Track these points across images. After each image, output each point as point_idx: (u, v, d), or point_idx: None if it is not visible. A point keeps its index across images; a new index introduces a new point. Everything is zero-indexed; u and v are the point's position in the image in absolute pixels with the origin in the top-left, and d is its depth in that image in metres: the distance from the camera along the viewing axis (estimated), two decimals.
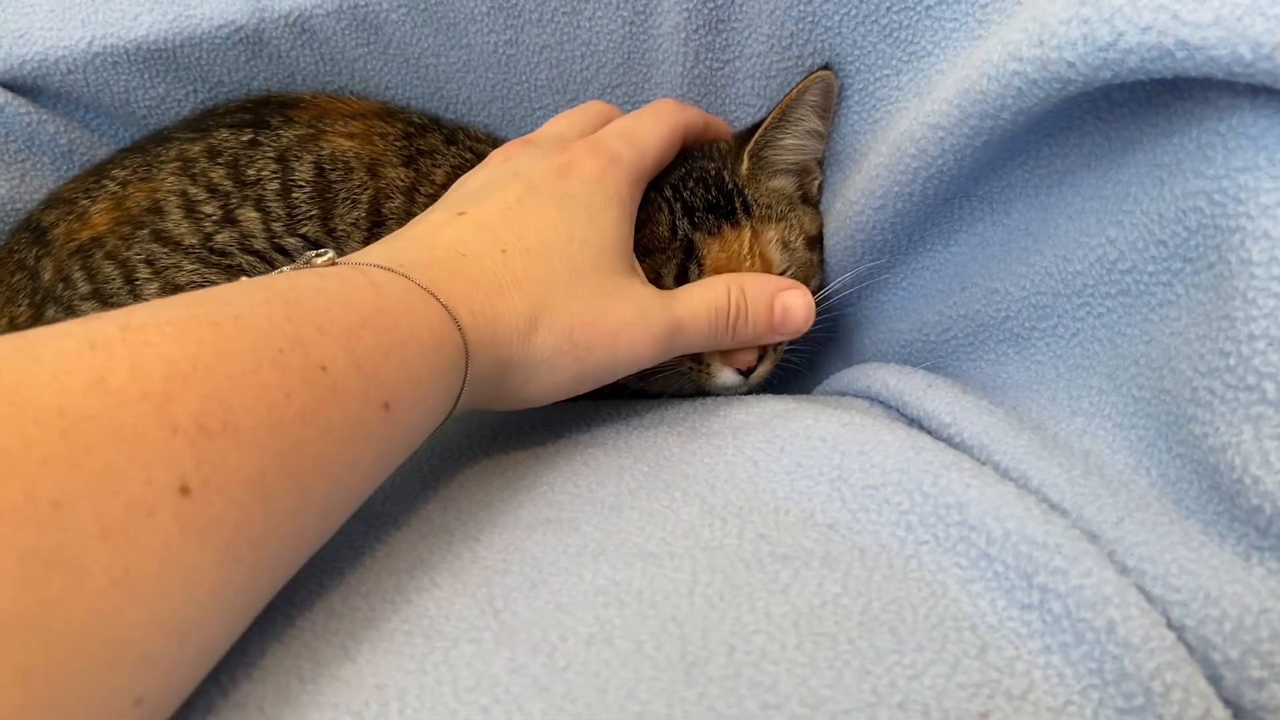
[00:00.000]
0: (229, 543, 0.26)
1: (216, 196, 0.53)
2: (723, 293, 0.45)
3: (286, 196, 0.54)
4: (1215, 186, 0.29)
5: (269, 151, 0.54)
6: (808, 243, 0.53)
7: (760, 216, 0.51)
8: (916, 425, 0.41)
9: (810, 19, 0.50)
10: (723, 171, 0.52)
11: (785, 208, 0.53)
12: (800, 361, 0.56)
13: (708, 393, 0.52)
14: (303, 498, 0.29)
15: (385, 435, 0.32)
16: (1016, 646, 0.29)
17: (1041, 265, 0.38)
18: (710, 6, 0.52)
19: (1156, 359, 0.33)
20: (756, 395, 0.49)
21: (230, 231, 0.53)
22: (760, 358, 0.50)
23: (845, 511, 0.35)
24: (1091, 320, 0.36)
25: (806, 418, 0.40)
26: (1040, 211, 0.39)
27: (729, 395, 0.50)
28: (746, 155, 0.52)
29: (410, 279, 0.35)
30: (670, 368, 0.51)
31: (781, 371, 0.54)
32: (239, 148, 0.54)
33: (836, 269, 0.53)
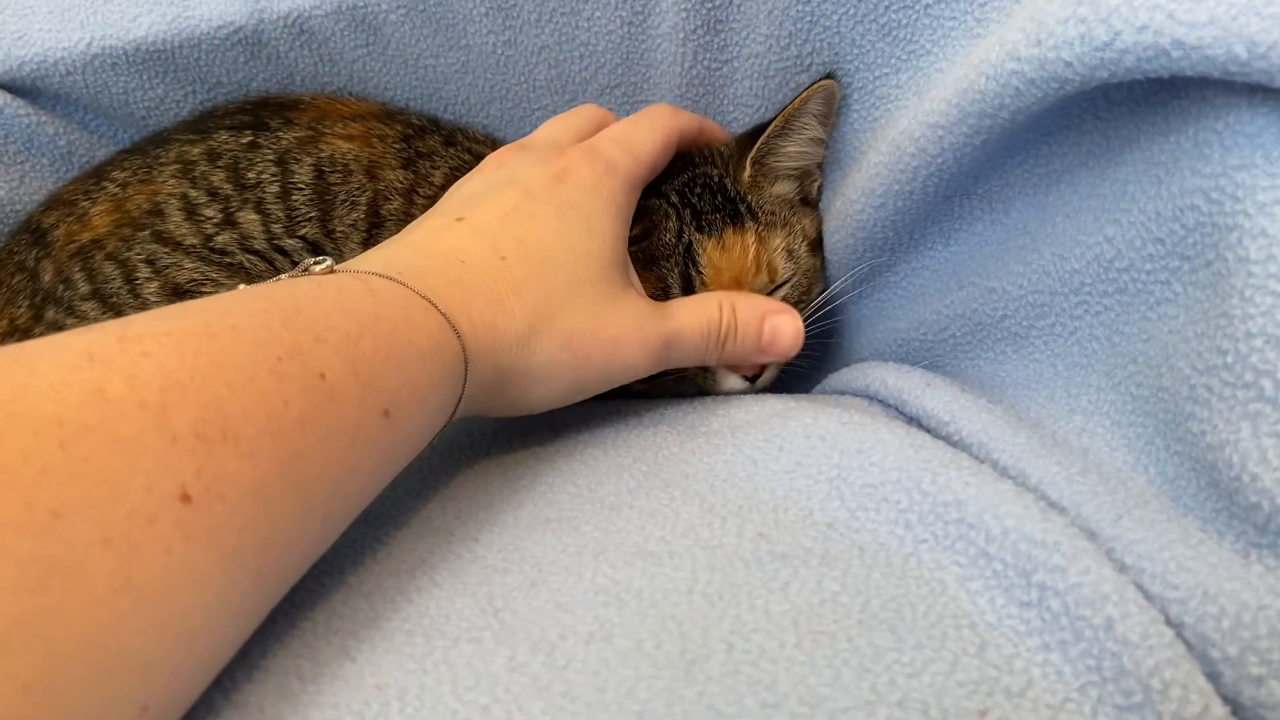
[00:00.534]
0: (232, 549, 0.26)
1: (217, 199, 0.53)
2: (715, 309, 0.46)
3: (286, 199, 0.54)
4: (1212, 184, 0.29)
5: (268, 154, 0.54)
6: (810, 248, 0.53)
7: (765, 223, 0.52)
8: (915, 423, 0.41)
9: (809, 19, 0.50)
10: (725, 178, 0.52)
11: (788, 213, 0.53)
12: (803, 362, 0.56)
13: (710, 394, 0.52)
14: (304, 504, 0.29)
15: (385, 442, 0.32)
16: (1015, 644, 0.29)
17: (1039, 264, 0.38)
18: (708, 7, 0.52)
19: (1155, 357, 0.33)
20: (755, 394, 0.50)
21: (230, 233, 0.53)
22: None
23: (844, 510, 0.35)
24: (1089, 319, 0.36)
25: (805, 416, 0.40)
26: (1038, 210, 0.39)
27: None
28: (749, 162, 0.52)
29: (408, 286, 0.35)
30: (675, 372, 0.51)
31: (784, 373, 0.54)
32: (239, 150, 0.54)
33: (838, 267, 0.53)
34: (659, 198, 0.51)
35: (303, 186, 0.54)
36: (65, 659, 0.22)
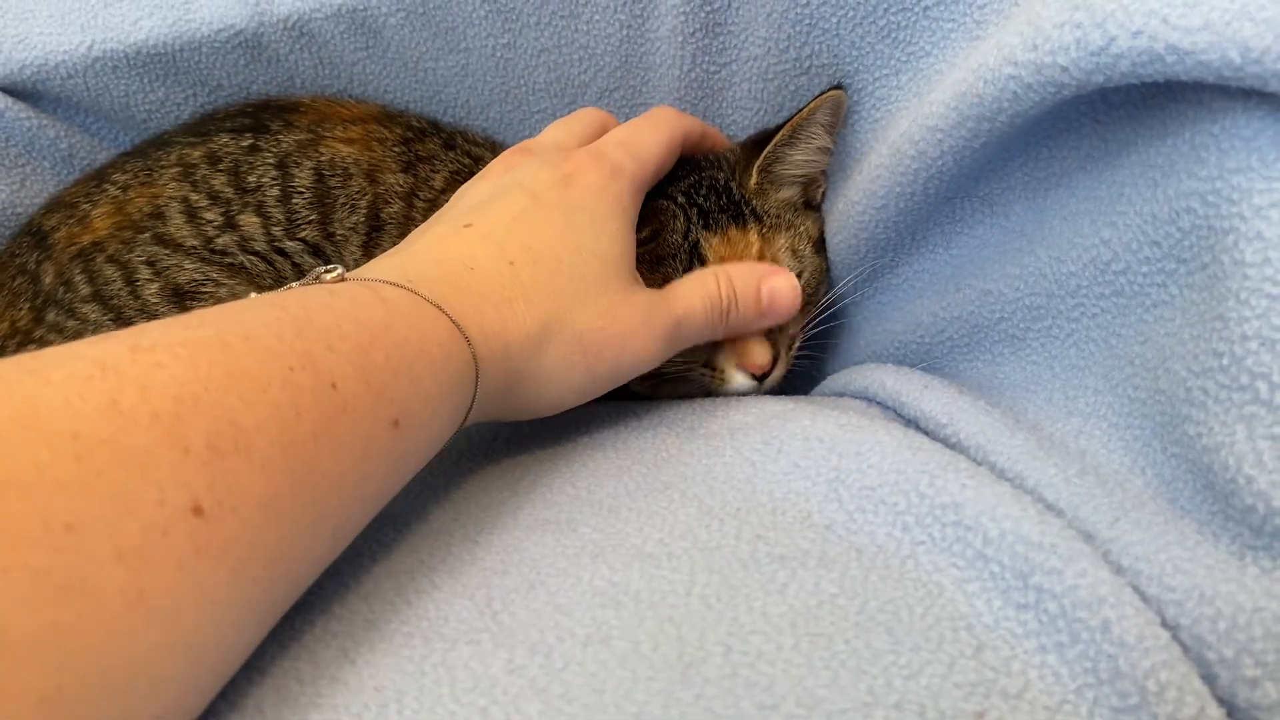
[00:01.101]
0: (243, 562, 0.26)
1: (218, 202, 0.53)
2: (712, 283, 0.46)
3: (286, 202, 0.54)
4: (1209, 188, 0.30)
5: (269, 157, 0.55)
6: (815, 248, 0.53)
7: (770, 225, 0.52)
8: (913, 426, 0.41)
9: (808, 21, 0.50)
10: (730, 182, 0.53)
11: (792, 215, 0.54)
12: (807, 364, 0.56)
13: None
14: (314, 515, 0.29)
15: (395, 452, 0.32)
16: (1012, 646, 0.29)
17: (1036, 266, 0.39)
18: (707, 10, 0.52)
19: (1151, 359, 0.33)
20: (754, 396, 0.50)
21: (231, 235, 0.53)
22: (774, 360, 0.51)
23: (842, 512, 0.35)
24: (1086, 321, 0.37)
25: (804, 418, 0.40)
26: (1036, 213, 0.39)
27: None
28: (756, 170, 0.52)
29: (419, 294, 0.35)
30: (682, 374, 0.51)
31: (788, 375, 0.54)
32: (239, 153, 0.55)
33: (841, 269, 0.53)
34: (665, 199, 0.51)
35: (303, 190, 0.54)
36: (79, 673, 0.22)
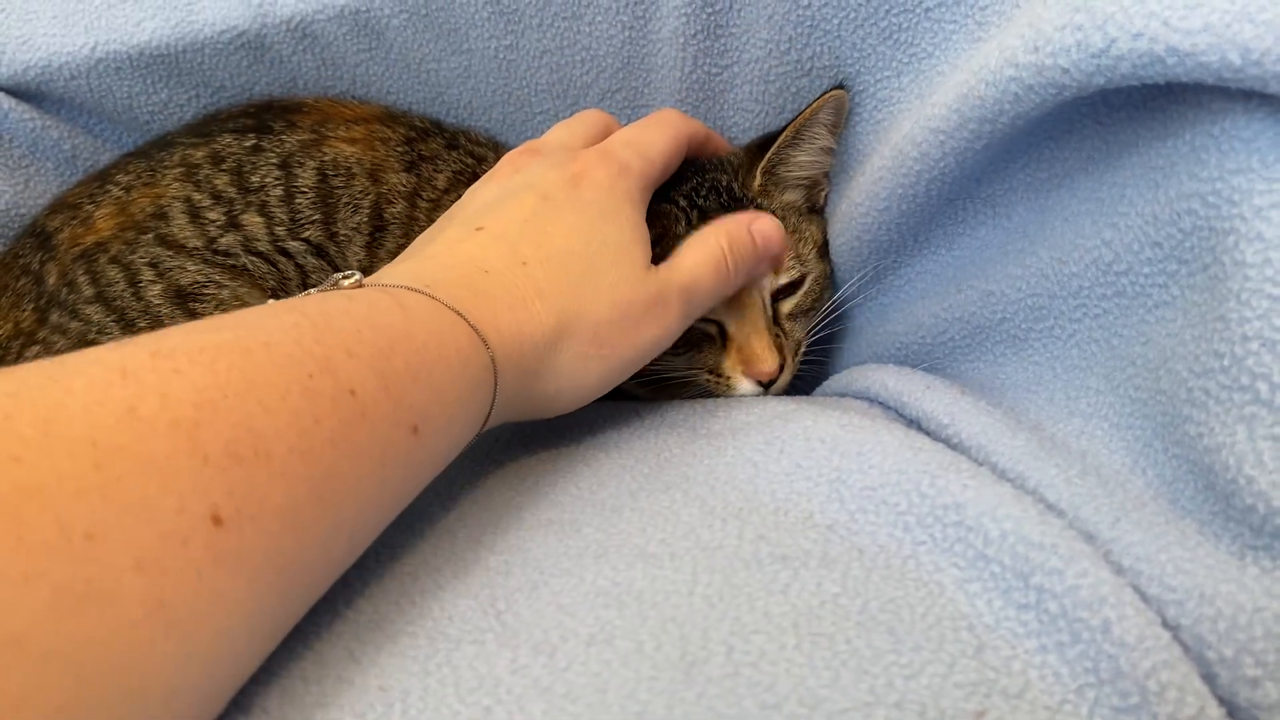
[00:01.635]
0: (260, 570, 0.26)
1: (221, 202, 0.54)
2: (714, 243, 0.46)
3: (289, 202, 0.54)
4: (1209, 189, 0.30)
5: (272, 157, 0.55)
6: (819, 253, 0.54)
7: None
8: (915, 426, 0.42)
9: (809, 23, 0.50)
10: (734, 184, 0.53)
11: (796, 219, 0.54)
12: (809, 365, 0.56)
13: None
14: (332, 522, 0.29)
15: (414, 458, 0.32)
16: (1013, 646, 0.29)
17: (1037, 267, 0.39)
18: (709, 12, 0.52)
19: (1153, 360, 0.33)
20: (756, 397, 0.50)
21: (234, 235, 0.53)
22: (781, 366, 0.51)
23: (844, 512, 0.35)
24: (1088, 322, 0.37)
25: (805, 419, 0.41)
26: (1038, 214, 0.39)
27: None
28: (760, 172, 0.52)
29: (438, 299, 0.35)
30: (686, 380, 0.52)
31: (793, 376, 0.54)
32: (242, 153, 0.55)
33: (844, 270, 0.53)
34: (669, 203, 0.51)
35: (306, 190, 0.54)
36: (97, 683, 0.22)
